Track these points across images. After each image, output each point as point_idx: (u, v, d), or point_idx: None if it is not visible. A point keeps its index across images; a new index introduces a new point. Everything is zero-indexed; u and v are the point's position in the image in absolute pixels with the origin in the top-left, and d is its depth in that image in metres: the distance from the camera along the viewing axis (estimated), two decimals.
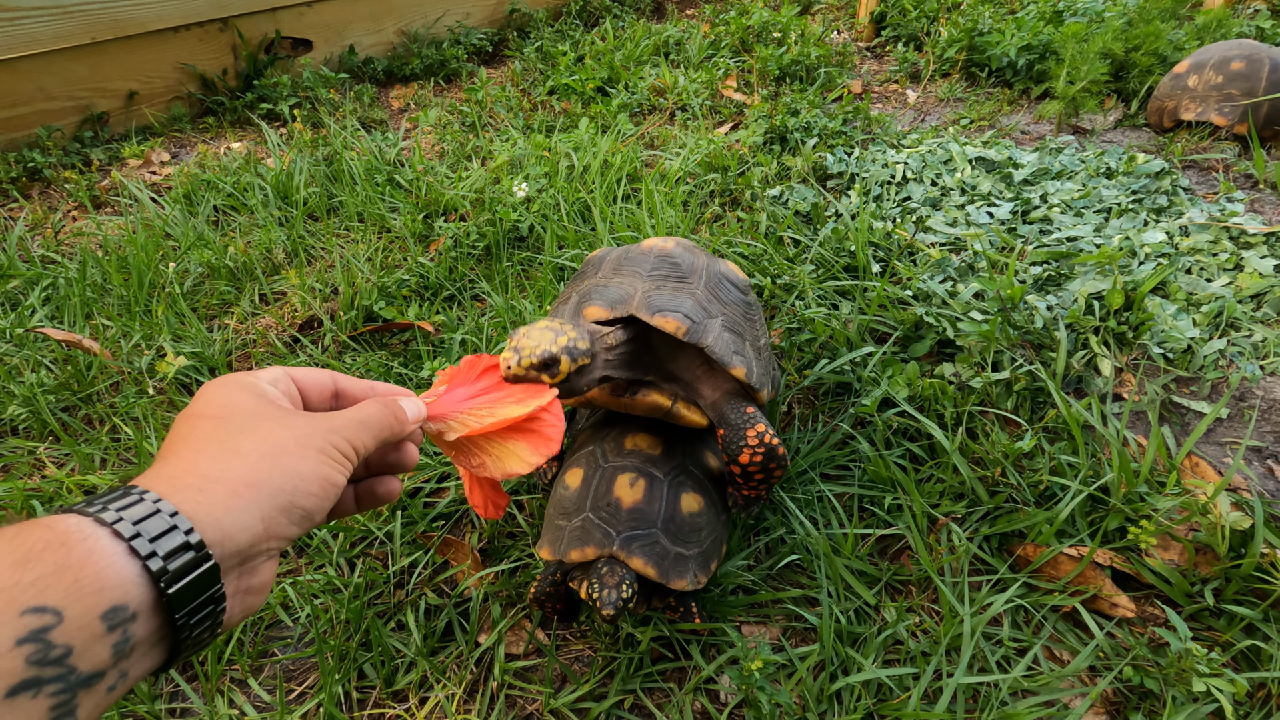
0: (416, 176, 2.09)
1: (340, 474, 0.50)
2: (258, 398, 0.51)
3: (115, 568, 0.38)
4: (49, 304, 1.71)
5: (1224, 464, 1.20)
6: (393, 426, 0.57)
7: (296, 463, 0.47)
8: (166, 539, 0.40)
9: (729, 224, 1.86)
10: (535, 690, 0.98)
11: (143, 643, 0.39)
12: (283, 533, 0.46)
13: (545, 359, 0.75)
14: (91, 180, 2.27)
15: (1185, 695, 0.88)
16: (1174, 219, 1.68)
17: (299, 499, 0.47)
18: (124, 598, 0.38)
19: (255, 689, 1.00)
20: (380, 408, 0.56)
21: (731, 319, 1.01)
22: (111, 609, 0.37)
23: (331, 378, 0.60)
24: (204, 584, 0.41)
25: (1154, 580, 1.01)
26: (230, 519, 0.43)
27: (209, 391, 0.51)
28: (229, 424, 0.48)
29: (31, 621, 0.34)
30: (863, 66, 3.03)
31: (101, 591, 0.37)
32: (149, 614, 0.39)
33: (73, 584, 0.36)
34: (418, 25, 3.30)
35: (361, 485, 0.61)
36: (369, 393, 0.61)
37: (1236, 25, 2.55)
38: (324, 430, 0.51)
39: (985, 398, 1.28)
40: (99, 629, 0.36)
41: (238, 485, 0.44)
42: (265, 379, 0.54)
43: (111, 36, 2.45)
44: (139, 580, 0.38)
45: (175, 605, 0.40)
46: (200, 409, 0.50)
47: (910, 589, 1.07)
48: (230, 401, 0.50)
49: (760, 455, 0.96)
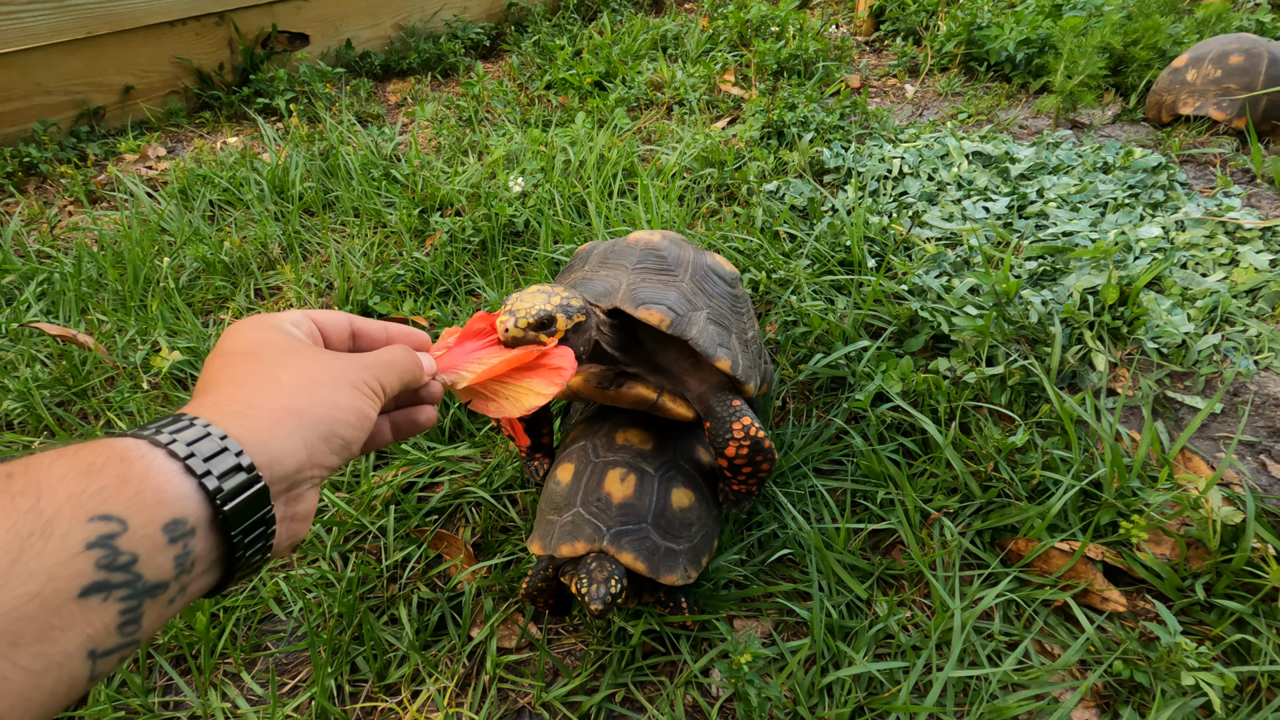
0: (413, 171, 2.09)
1: (373, 408, 0.52)
2: (286, 335, 0.53)
3: (174, 483, 0.39)
4: (44, 299, 1.71)
5: (1216, 459, 1.20)
6: (414, 371, 0.59)
7: (333, 394, 0.49)
8: (219, 460, 0.41)
9: (725, 219, 1.85)
10: (527, 684, 0.98)
11: (202, 558, 0.40)
12: (324, 461, 0.48)
13: (541, 317, 0.76)
14: (87, 175, 2.27)
15: (1175, 689, 0.89)
16: (1170, 214, 1.68)
17: (338, 428, 0.48)
18: (183, 511, 0.39)
19: (248, 682, 1.00)
20: (404, 352, 0.59)
21: (717, 311, 1.01)
22: (172, 521, 0.38)
23: (348, 319, 0.61)
24: (256, 504, 0.43)
25: (1145, 575, 1.02)
26: (276, 443, 0.44)
27: (237, 331, 0.52)
28: (264, 358, 0.49)
29: (100, 528, 0.35)
30: (861, 61, 3.02)
31: (162, 504, 0.38)
32: (206, 530, 0.40)
33: (134, 495, 0.37)
34: (415, 19, 3.29)
35: (398, 414, 0.63)
36: (383, 332, 0.63)
37: (1236, 19, 2.54)
38: (356, 367, 0.52)
39: (979, 393, 1.28)
40: (161, 540, 0.38)
41: (280, 413, 0.46)
42: (288, 320, 0.55)
43: (107, 31, 2.45)
44: (196, 497, 0.40)
45: (230, 523, 0.41)
46: (232, 346, 0.51)
47: (902, 583, 1.07)
48: (261, 338, 0.51)
49: (746, 448, 0.96)
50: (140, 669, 1.01)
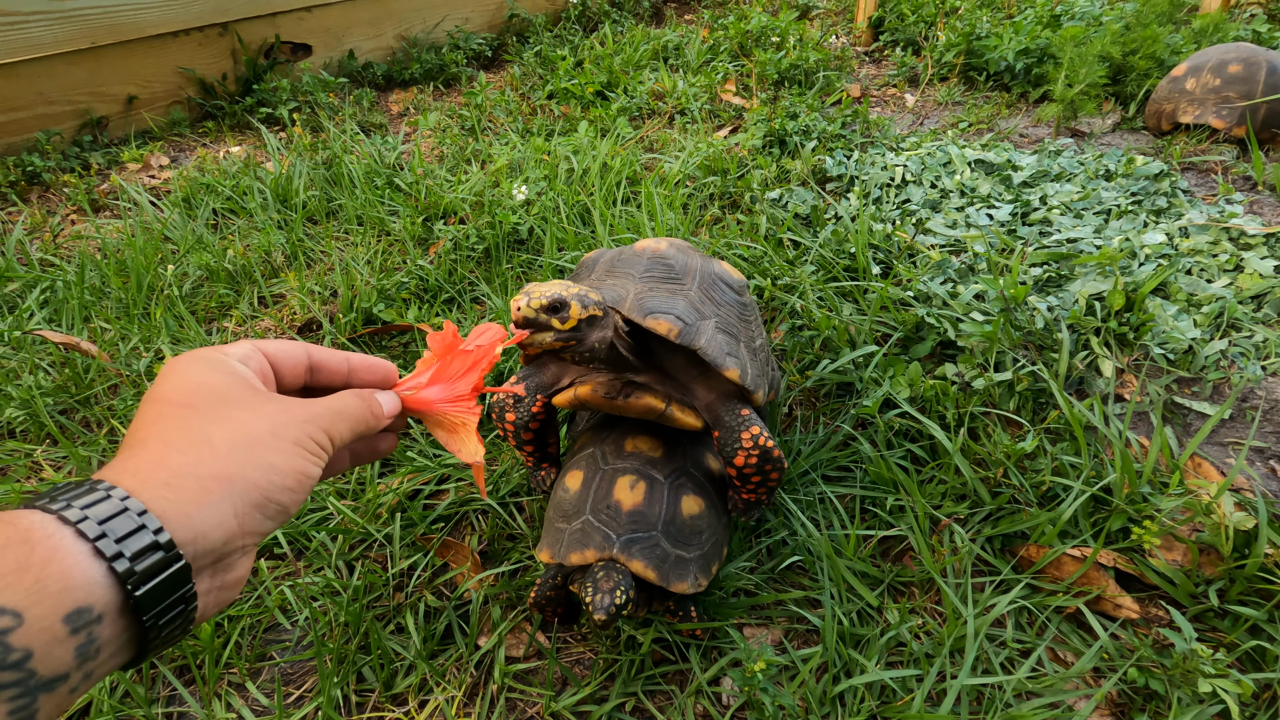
0: (416, 180, 2.09)
1: (315, 466, 0.48)
2: (229, 378, 0.49)
3: (80, 568, 0.36)
4: (47, 307, 1.71)
5: (1226, 464, 1.19)
6: (368, 421, 0.55)
7: (271, 454, 0.46)
8: (134, 539, 0.38)
9: (729, 226, 1.86)
10: (536, 693, 0.97)
11: (109, 644, 0.38)
12: (257, 528, 0.45)
13: (555, 300, 0.75)
14: (90, 184, 2.27)
15: (1191, 696, 0.88)
16: (1174, 220, 1.68)
17: (274, 493, 0.45)
18: (89, 599, 0.36)
19: (253, 692, 0.99)
20: (358, 400, 0.55)
21: (726, 320, 1.01)
22: (75, 611, 0.35)
23: (305, 350, 0.57)
24: (174, 584, 0.40)
25: (1158, 581, 1.01)
26: (202, 515, 0.41)
27: (175, 372, 0.48)
28: (199, 411, 0.46)
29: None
30: (861, 71, 3.04)
31: (65, 592, 0.35)
32: (115, 616, 0.38)
33: (34, 584, 0.34)
34: (417, 30, 3.31)
35: (357, 442, 0.59)
36: (344, 365, 0.59)
37: (1233, 29, 2.56)
38: (300, 420, 0.49)
39: (987, 399, 1.27)
40: (61, 632, 0.35)
41: (209, 480, 0.42)
42: (235, 355, 0.51)
43: (111, 41, 2.46)
44: (105, 581, 0.37)
45: (143, 607, 0.38)
46: (167, 393, 0.47)
47: (913, 590, 1.07)
48: (200, 384, 0.47)
49: (755, 457, 0.96)
50: (144, 679, 1.00)
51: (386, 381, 0.61)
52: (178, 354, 1.47)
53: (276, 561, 1.15)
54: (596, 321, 0.82)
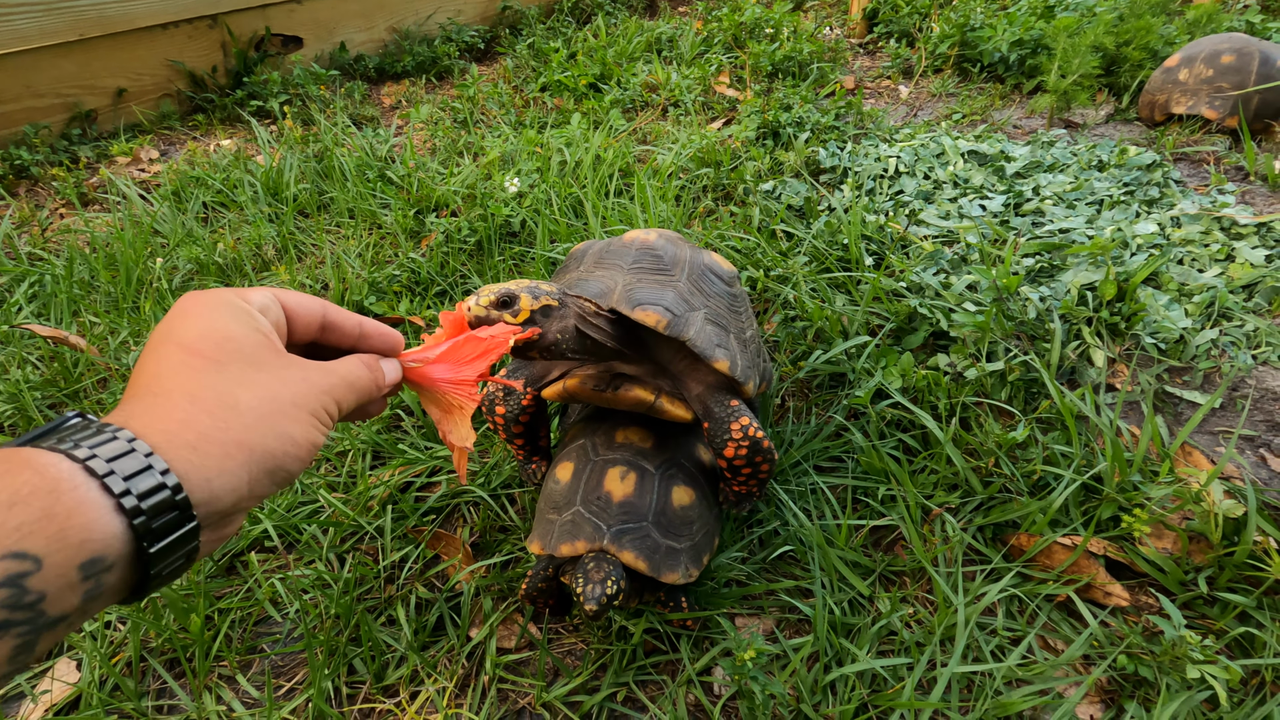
0: (408, 172, 2.08)
1: (324, 436, 0.50)
2: (253, 334, 0.49)
3: (102, 522, 0.37)
4: (35, 301, 1.69)
5: (1216, 453, 1.19)
6: (372, 391, 0.56)
7: (290, 425, 0.47)
8: (154, 497, 0.39)
9: (722, 218, 1.85)
10: (527, 684, 0.97)
11: (112, 589, 0.39)
12: (263, 493, 0.46)
13: (503, 296, 0.75)
14: (79, 178, 2.25)
15: (1180, 683, 0.88)
16: (1166, 210, 1.69)
17: (287, 462, 0.46)
18: (104, 550, 0.38)
19: (244, 685, 0.99)
20: (368, 373, 0.56)
21: (715, 311, 1.00)
22: (91, 560, 0.37)
23: (322, 308, 0.57)
24: (183, 541, 0.41)
25: (1147, 569, 1.01)
26: (220, 481, 0.42)
27: (200, 317, 0.48)
28: (225, 370, 0.46)
29: (11, 566, 0.34)
30: (855, 63, 3.03)
31: (85, 544, 0.37)
32: (125, 565, 0.39)
33: (57, 533, 0.36)
34: (409, 23, 3.29)
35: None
36: (357, 329, 0.59)
37: (1226, 20, 2.56)
38: (319, 391, 0.50)
39: (979, 388, 1.27)
40: (75, 578, 0.36)
41: (231, 447, 0.43)
42: (256, 304, 0.51)
43: (100, 33, 2.44)
44: (123, 536, 0.38)
45: (152, 561, 0.40)
46: (193, 340, 0.46)
47: (904, 579, 1.07)
48: (227, 336, 0.47)
49: (745, 449, 0.95)
50: (134, 672, 0.99)
51: (392, 351, 0.61)
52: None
53: (267, 554, 1.15)
54: (553, 312, 0.81)
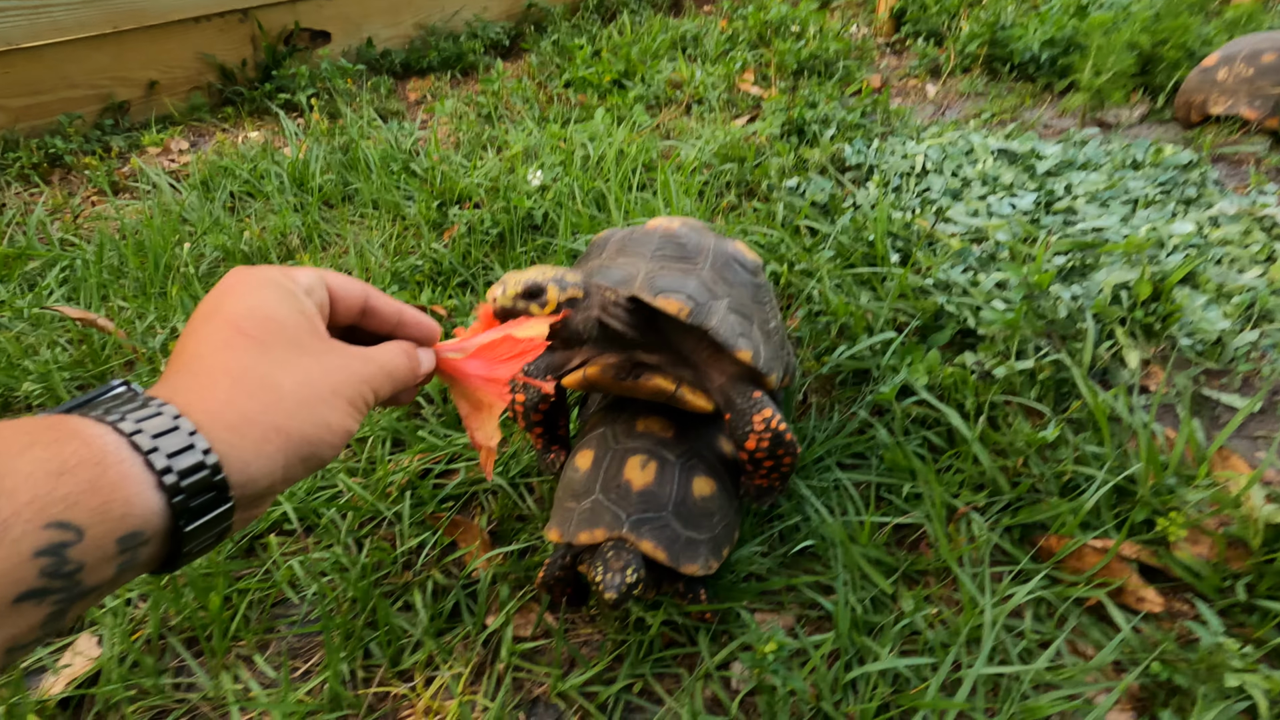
0: (432, 165, 2.09)
1: (358, 424, 0.50)
2: (298, 316, 0.49)
3: (143, 498, 0.38)
4: (66, 285, 1.72)
5: (1255, 458, 1.16)
6: (408, 381, 0.56)
7: (329, 412, 0.47)
8: (195, 476, 0.40)
9: (745, 213, 1.83)
10: (543, 672, 0.96)
11: (144, 562, 0.40)
12: (296, 477, 0.46)
13: (530, 286, 0.74)
14: (111, 167, 2.29)
15: (1216, 692, 0.85)
16: (1203, 210, 1.64)
17: (321, 449, 0.46)
18: (143, 525, 0.38)
19: (261, 665, 0.99)
20: (406, 361, 0.55)
21: (739, 300, 0.98)
22: (129, 534, 0.37)
23: (364, 293, 0.57)
24: (218, 521, 0.42)
25: (1182, 574, 0.98)
26: (257, 464, 0.43)
27: (248, 295, 0.48)
28: (269, 351, 0.46)
29: (54, 535, 0.34)
30: (882, 62, 3.00)
31: (125, 518, 0.37)
32: (159, 541, 0.40)
33: (100, 505, 0.36)
34: (435, 19, 3.31)
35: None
36: (396, 316, 0.59)
37: (1267, 19, 2.50)
38: (358, 380, 0.50)
39: (1008, 387, 1.24)
40: (112, 550, 0.37)
41: (270, 431, 0.44)
42: (302, 285, 0.51)
43: (133, 26, 2.48)
44: (161, 512, 0.39)
45: (186, 539, 0.40)
46: (239, 318, 0.46)
47: (928, 579, 1.04)
48: (272, 317, 0.47)
49: (767, 441, 0.93)
50: (153, 650, 1.00)
51: (428, 341, 0.61)
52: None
53: (285, 537, 1.15)
54: (579, 303, 0.80)
